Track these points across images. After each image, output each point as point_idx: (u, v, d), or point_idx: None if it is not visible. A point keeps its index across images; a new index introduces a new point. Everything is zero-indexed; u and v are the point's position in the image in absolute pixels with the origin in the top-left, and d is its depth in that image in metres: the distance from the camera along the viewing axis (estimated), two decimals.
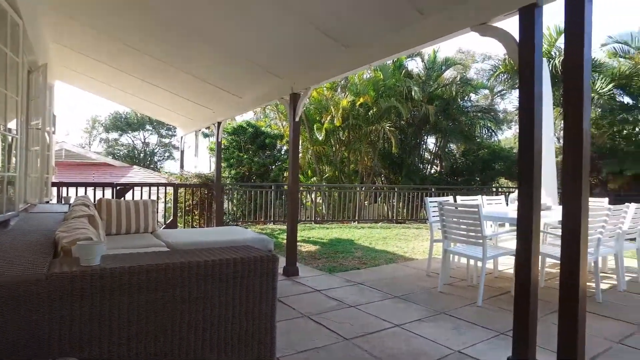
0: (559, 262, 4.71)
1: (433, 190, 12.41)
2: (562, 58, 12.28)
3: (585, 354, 2.29)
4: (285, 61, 4.94)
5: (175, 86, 6.78)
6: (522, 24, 2.41)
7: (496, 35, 2.61)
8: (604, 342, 3.03)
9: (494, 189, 15.37)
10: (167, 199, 8.56)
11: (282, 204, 10.93)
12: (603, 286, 4.33)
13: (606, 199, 5.29)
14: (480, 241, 3.98)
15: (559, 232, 5.01)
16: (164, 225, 8.07)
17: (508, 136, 21.57)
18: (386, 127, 13.41)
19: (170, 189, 8.24)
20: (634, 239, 4.94)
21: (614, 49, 14.42)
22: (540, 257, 2.96)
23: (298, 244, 5.85)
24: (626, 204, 4.61)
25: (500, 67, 14.17)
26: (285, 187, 10.97)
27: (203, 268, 1.82)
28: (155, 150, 38.35)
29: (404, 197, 12.25)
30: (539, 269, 3.46)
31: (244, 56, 4.97)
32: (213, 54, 5.09)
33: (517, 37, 2.46)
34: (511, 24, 2.61)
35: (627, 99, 14.31)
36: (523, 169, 2.45)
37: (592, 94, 13.12)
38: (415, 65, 15.81)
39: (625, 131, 14.14)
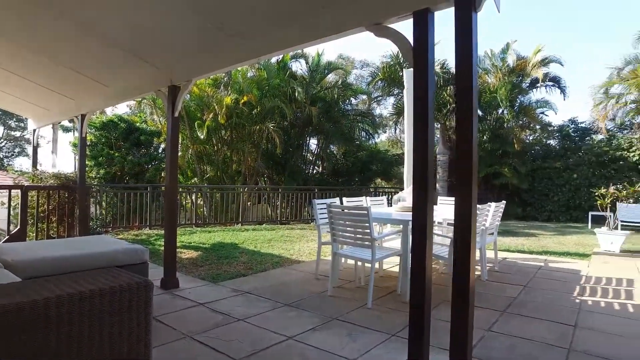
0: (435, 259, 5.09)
1: (316, 190, 12.64)
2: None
3: None
4: (162, 48, 4.37)
5: (24, 68, 5.58)
6: (416, 27, 2.42)
7: (390, 36, 2.59)
8: (477, 331, 3.24)
9: (372, 189, 16.35)
10: (15, 204, 7.07)
11: (159, 207, 10.04)
12: None
13: None
14: (369, 243, 4.02)
15: (436, 230, 5.43)
16: (6, 237, 6.66)
17: (383, 139, 23.19)
18: (270, 127, 13.26)
19: (16, 192, 6.80)
20: (492, 234, 5.57)
21: None
22: None
23: (178, 250, 5.31)
24: (488, 203, 5.15)
25: (379, 74, 15.09)
26: (163, 188, 10.11)
27: (42, 310, 1.28)
28: (2, 145, 32.35)
29: (287, 197, 12.24)
30: None
31: (112, 38, 4.27)
32: (73, 32, 4.25)
33: (411, 39, 2.46)
34: (404, 27, 2.62)
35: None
36: (418, 170, 2.44)
37: (450, 106, 14.79)
38: (299, 67, 15.99)
39: None
